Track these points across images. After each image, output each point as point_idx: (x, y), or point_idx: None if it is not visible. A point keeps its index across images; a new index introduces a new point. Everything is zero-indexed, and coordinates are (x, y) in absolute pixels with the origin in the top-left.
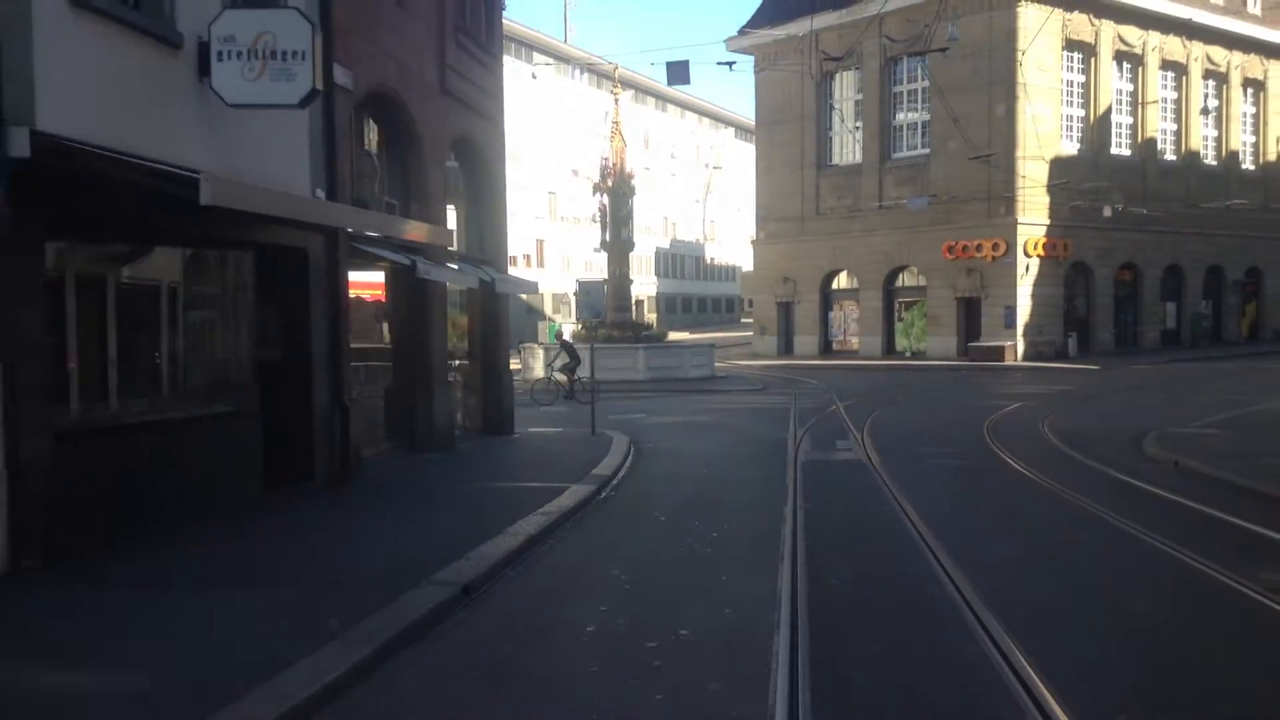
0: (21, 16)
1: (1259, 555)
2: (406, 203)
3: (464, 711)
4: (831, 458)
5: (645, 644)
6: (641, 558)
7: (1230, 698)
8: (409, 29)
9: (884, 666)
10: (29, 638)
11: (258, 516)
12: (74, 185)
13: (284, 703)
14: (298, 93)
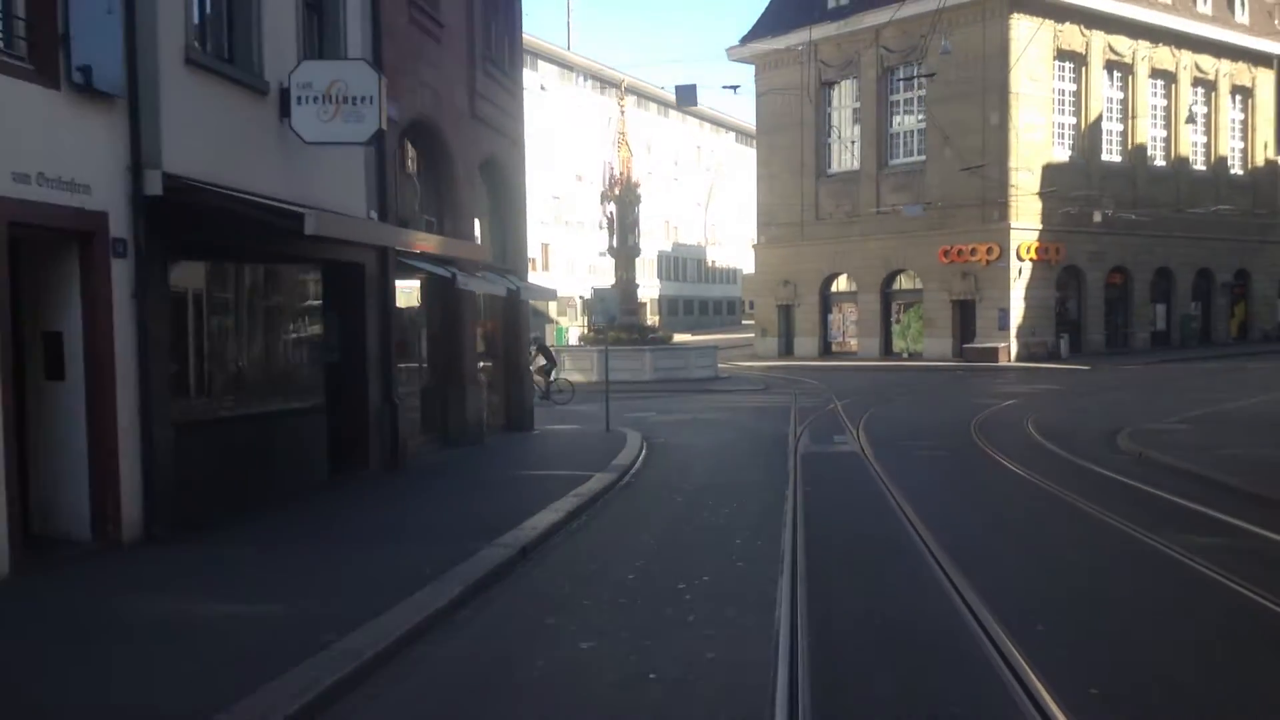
0: (150, 79)
1: (1190, 526)
2: (441, 219)
3: (540, 627)
4: (829, 450)
5: (675, 585)
6: (666, 528)
7: (1123, 607)
8: (444, 62)
9: (863, 595)
10: (187, 583)
11: (333, 495)
12: (193, 216)
13: (422, 612)
14: (366, 132)
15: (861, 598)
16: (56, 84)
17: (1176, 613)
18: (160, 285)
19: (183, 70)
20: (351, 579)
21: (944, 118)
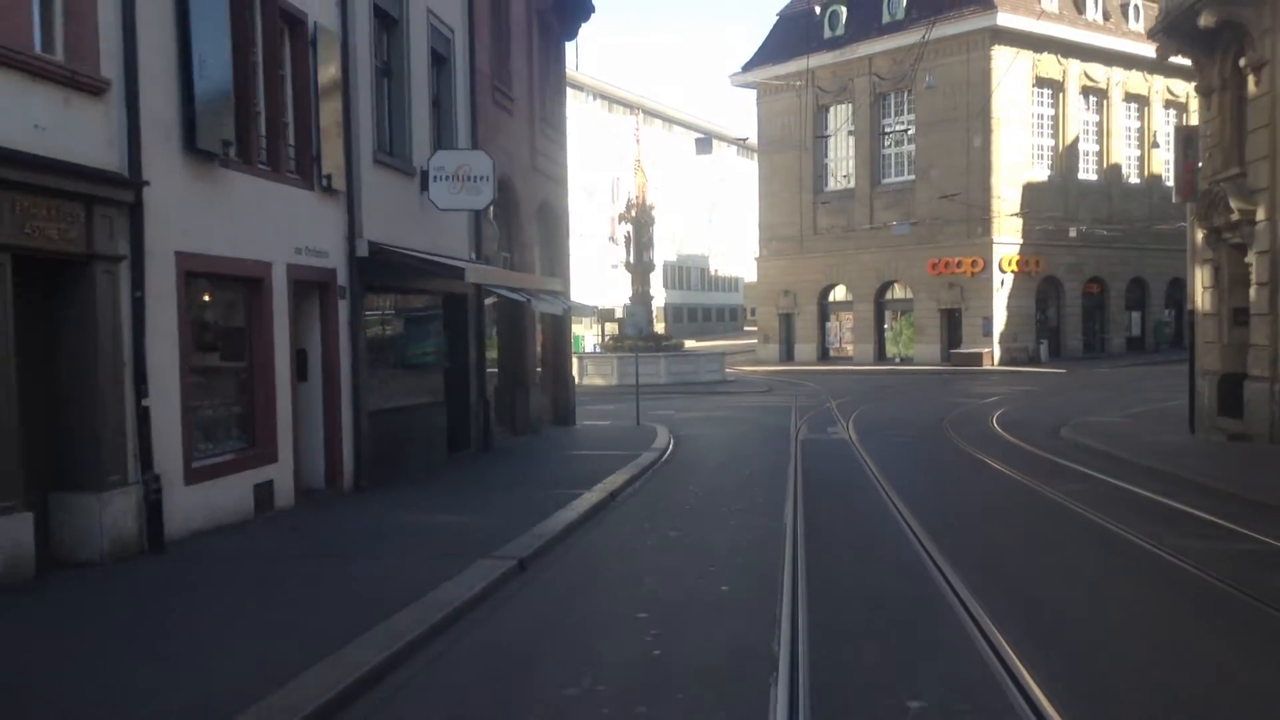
0: (357, 177)
1: (1070, 480)
2: (511, 252)
3: (640, 529)
4: (823, 437)
5: (719, 509)
6: (705, 483)
7: (990, 513)
8: (514, 128)
9: (838, 510)
10: (405, 509)
11: (455, 465)
12: (381, 267)
13: (565, 521)
14: (484, 202)
15: (838, 511)
16: (312, 188)
17: (1022, 516)
18: (359, 313)
19: (372, 167)
20: (508, 507)
21: (931, 140)
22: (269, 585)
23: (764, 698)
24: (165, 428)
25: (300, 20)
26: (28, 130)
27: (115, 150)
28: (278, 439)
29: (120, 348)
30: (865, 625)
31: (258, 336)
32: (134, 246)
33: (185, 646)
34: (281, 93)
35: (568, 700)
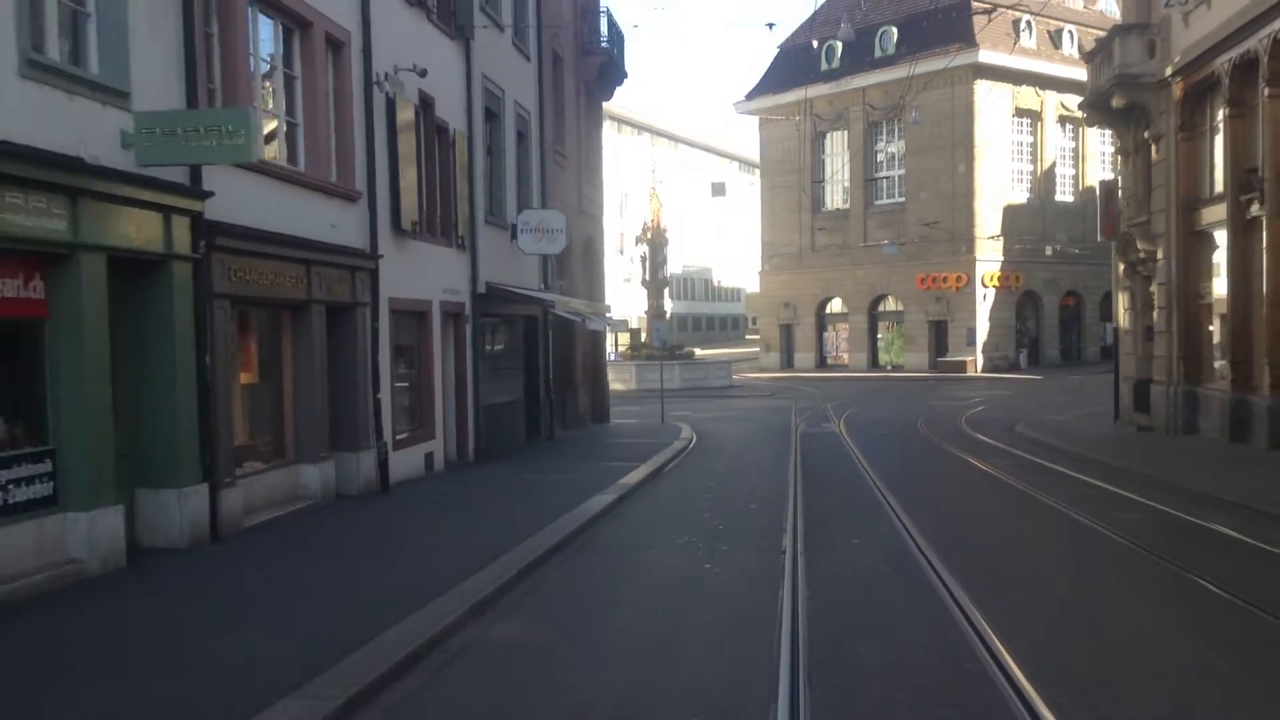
0: (475, 234)
1: (1003, 459)
2: (563, 280)
3: (686, 488)
4: (818, 431)
5: (742, 475)
6: (728, 462)
7: (939, 479)
8: (567, 179)
9: (827, 476)
10: (521, 471)
11: (534, 449)
12: (491, 299)
13: (634, 483)
14: (559, 248)
15: (825, 475)
16: (451, 245)
17: (956, 478)
18: (477, 334)
19: (484, 226)
20: (590, 471)
21: (920, 166)
22: (461, 510)
23: (779, 544)
24: (386, 413)
25: (444, 129)
26: (325, 228)
27: (364, 236)
28: (436, 423)
29: (366, 361)
30: (834, 521)
31: (423, 351)
32: (373, 295)
33: (423, 540)
34: (434, 181)
35: (679, 545)
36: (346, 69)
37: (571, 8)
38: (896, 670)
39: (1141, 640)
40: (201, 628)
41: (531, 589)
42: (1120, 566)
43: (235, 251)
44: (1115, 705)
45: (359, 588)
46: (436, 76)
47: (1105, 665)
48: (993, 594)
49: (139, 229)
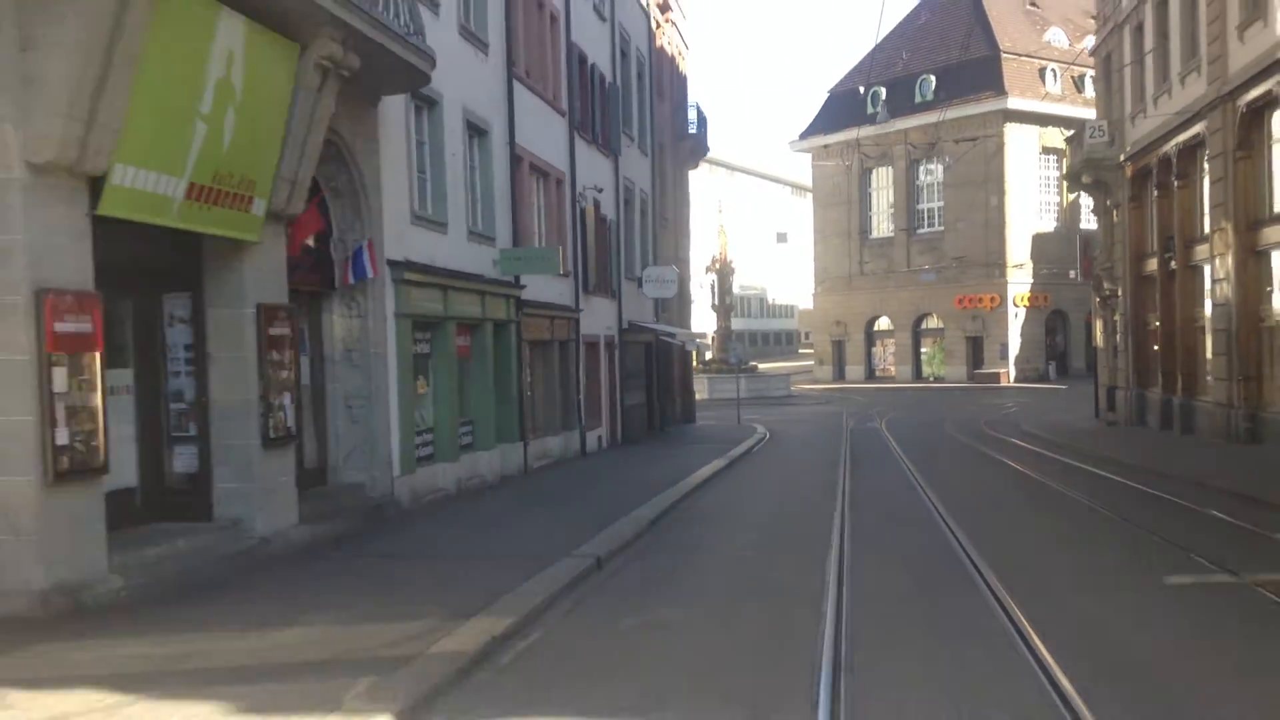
0: (620, 287)
1: (1005, 446)
2: (665, 313)
3: (766, 465)
4: (864, 427)
5: (805, 457)
6: (795, 449)
7: (946, 458)
8: (666, 236)
9: (869, 455)
10: (654, 448)
11: (656, 438)
12: (630, 332)
13: (732, 456)
14: (671, 293)
15: (867, 456)
16: (607, 296)
17: (961, 458)
18: (621, 358)
19: (625, 281)
20: (702, 451)
21: (956, 199)
22: (635, 464)
23: (835, 474)
24: (584, 407)
25: (605, 219)
26: (558, 296)
27: (572, 297)
28: (602, 415)
29: (573, 376)
30: (868, 468)
31: (596, 369)
32: (576, 334)
33: (624, 474)
34: (602, 255)
35: (767, 492)
36: (563, 194)
37: (670, 107)
38: (886, 503)
39: (1008, 505)
40: (529, 510)
41: (698, 497)
42: (1023, 486)
43: (529, 316)
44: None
45: (596, 500)
46: (600, 182)
47: (983, 512)
48: (943, 491)
49: (500, 308)
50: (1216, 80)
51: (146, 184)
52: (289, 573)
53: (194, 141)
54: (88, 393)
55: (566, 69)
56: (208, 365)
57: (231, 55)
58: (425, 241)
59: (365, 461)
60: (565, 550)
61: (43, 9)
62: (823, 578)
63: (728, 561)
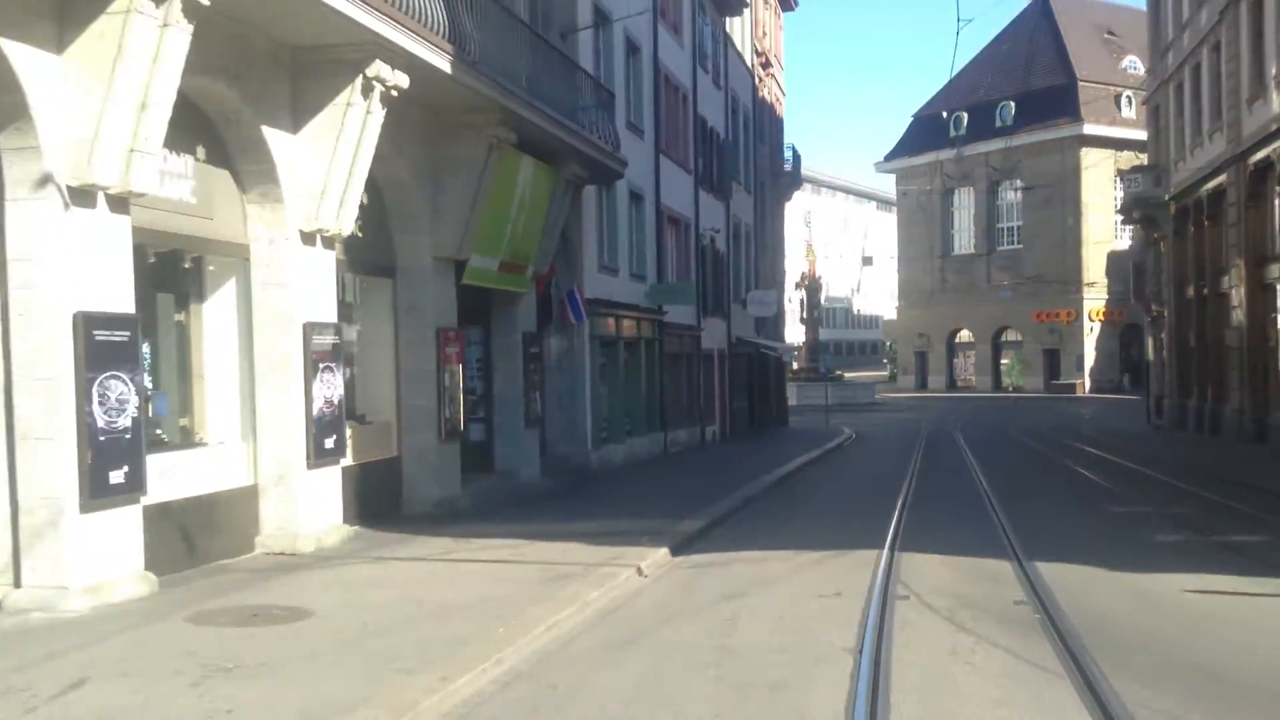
0: (730, 308)
1: (1056, 445)
2: (765, 327)
3: (857, 454)
4: (940, 430)
5: (885, 450)
6: (877, 445)
7: (1004, 455)
8: (766, 261)
9: (940, 444)
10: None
11: (757, 433)
12: (740, 346)
13: (827, 447)
14: (772, 312)
15: (938, 451)
16: (720, 316)
17: (1018, 455)
18: (730, 367)
19: (732, 304)
20: (801, 445)
21: (1034, 218)
22: (747, 452)
23: (910, 458)
24: (705, 407)
25: (719, 253)
26: (686, 317)
27: (694, 317)
28: (715, 415)
29: (695, 382)
30: (938, 457)
31: (709, 377)
32: (698, 348)
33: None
34: (718, 282)
35: (854, 470)
36: (689, 235)
37: (769, 149)
38: (944, 477)
39: (1033, 479)
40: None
41: (801, 472)
42: (1051, 469)
43: (666, 335)
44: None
45: (727, 471)
46: (715, 223)
47: (1012, 481)
48: (989, 470)
49: (648, 329)
50: (1233, 141)
51: (484, 264)
52: (552, 501)
53: (506, 235)
54: (455, 388)
55: (693, 135)
56: (492, 372)
57: (526, 180)
58: (605, 283)
59: (570, 438)
60: (720, 496)
61: (447, 170)
62: (890, 509)
63: (828, 501)
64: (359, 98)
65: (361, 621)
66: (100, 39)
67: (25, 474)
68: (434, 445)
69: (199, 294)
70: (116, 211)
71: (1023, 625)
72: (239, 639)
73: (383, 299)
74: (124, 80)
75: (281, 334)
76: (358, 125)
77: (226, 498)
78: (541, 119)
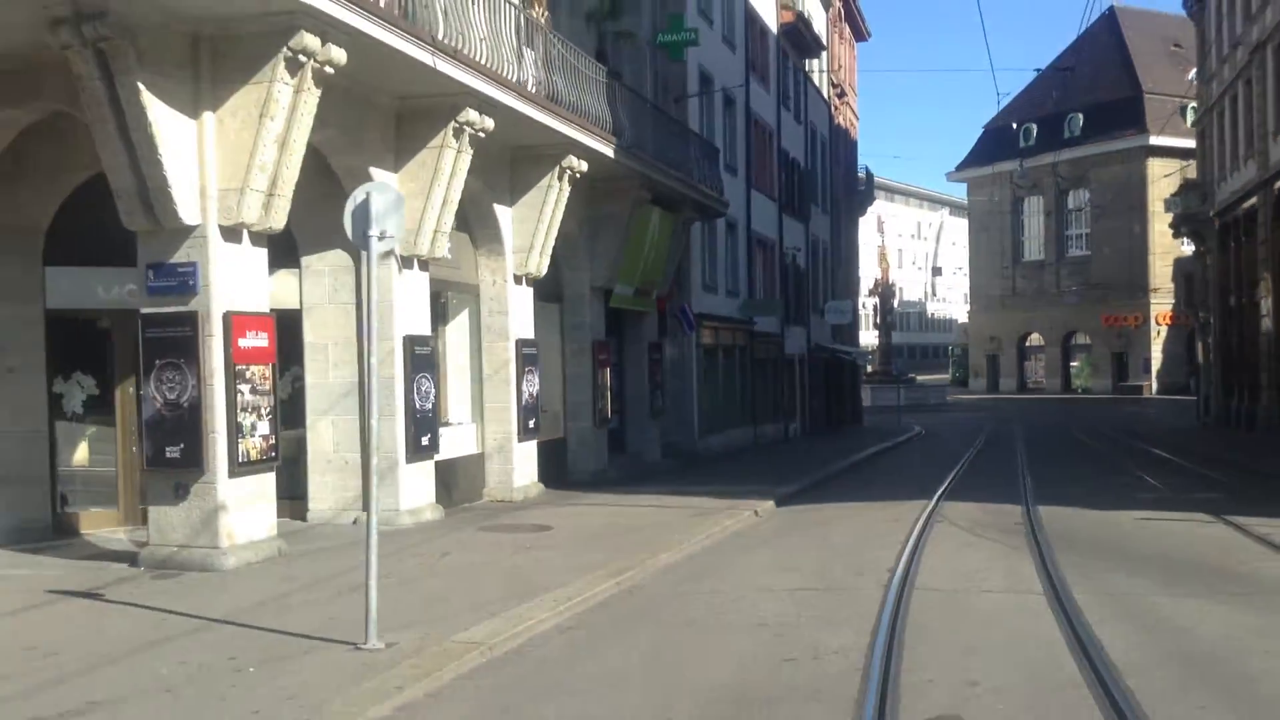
0: (810, 317)
1: (1108, 440)
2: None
3: (929, 442)
4: (1003, 427)
5: (952, 441)
6: (945, 438)
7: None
8: (841, 272)
9: (999, 436)
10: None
11: (833, 431)
12: (820, 352)
13: (899, 440)
14: (848, 320)
15: (995, 440)
16: (801, 325)
17: (1068, 447)
18: (809, 370)
19: (812, 312)
20: (870, 439)
21: (1102, 226)
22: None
23: (962, 458)
24: (788, 406)
25: (800, 268)
26: (770, 326)
27: (778, 326)
28: (796, 412)
29: (779, 384)
30: (996, 447)
31: (791, 378)
32: (780, 354)
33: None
34: (800, 294)
35: (916, 457)
36: (773, 255)
37: (843, 170)
38: (993, 463)
39: (1067, 462)
40: (772, 460)
41: (872, 459)
42: (1088, 456)
43: (755, 343)
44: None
45: (810, 458)
46: (796, 242)
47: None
48: (1033, 456)
49: (741, 338)
50: (1261, 168)
51: (625, 290)
52: (674, 475)
53: (640, 267)
54: (604, 387)
55: (777, 166)
56: (625, 374)
57: (654, 225)
58: (707, 300)
59: (680, 429)
60: (807, 471)
61: (600, 223)
62: (942, 479)
63: (893, 475)
64: (555, 180)
65: (586, 531)
66: (422, 166)
67: (374, 439)
68: (590, 430)
69: (443, 318)
70: (423, 270)
71: (1013, 533)
72: (518, 537)
73: (553, 319)
74: (436, 191)
75: (500, 347)
76: (554, 199)
77: (465, 461)
78: (669, 179)
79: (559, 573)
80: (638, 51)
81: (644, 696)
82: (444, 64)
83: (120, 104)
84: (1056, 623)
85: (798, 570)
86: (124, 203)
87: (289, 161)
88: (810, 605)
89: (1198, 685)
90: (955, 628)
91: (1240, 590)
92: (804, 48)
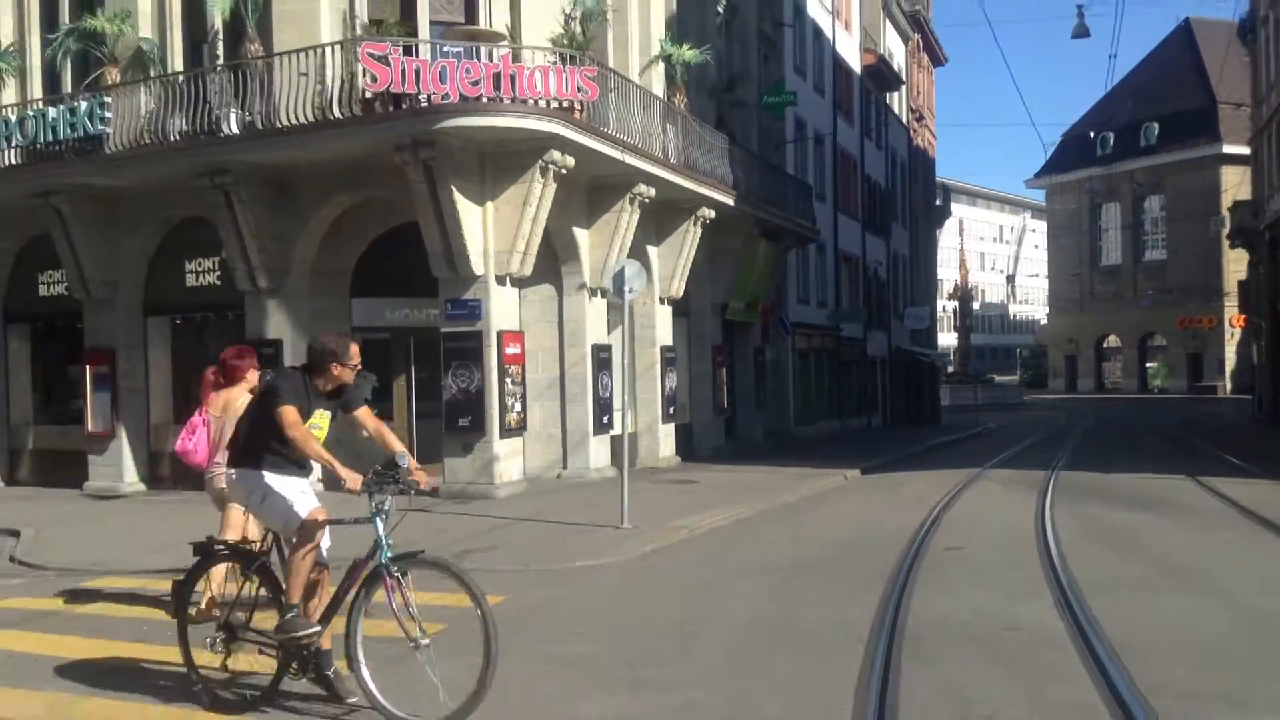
0: (889, 323)
1: (1162, 434)
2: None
3: (1000, 436)
4: (1072, 423)
5: (1022, 435)
6: (1018, 433)
7: (1112, 438)
8: (919, 281)
9: (1055, 437)
10: (913, 428)
11: (911, 424)
12: (897, 354)
13: (974, 431)
14: (926, 325)
15: (1056, 436)
16: (882, 330)
17: (1123, 439)
18: (890, 371)
19: (892, 318)
20: (944, 431)
21: (1177, 231)
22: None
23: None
24: (869, 402)
25: (882, 280)
26: (855, 331)
27: (862, 332)
28: (878, 407)
29: (863, 382)
30: (1049, 441)
31: (873, 378)
32: (864, 356)
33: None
34: (882, 300)
35: (981, 445)
36: (857, 269)
37: (921, 186)
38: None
39: (1107, 449)
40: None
41: (944, 445)
42: (1132, 444)
43: (841, 346)
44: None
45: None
46: (878, 256)
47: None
48: (1087, 441)
49: (829, 343)
50: None
51: (738, 306)
52: (776, 454)
53: (749, 286)
54: (721, 383)
55: (860, 190)
56: (735, 373)
57: (761, 252)
58: (801, 310)
59: (779, 419)
60: (886, 453)
61: (719, 253)
62: (994, 457)
63: (958, 457)
64: (691, 226)
65: (722, 485)
66: (605, 224)
67: (568, 418)
68: (711, 417)
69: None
70: (600, 297)
71: (1034, 487)
72: (676, 487)
73: (682, 329)
74: (616, 241)
75: (649, 352)
76: (690, 240)
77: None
78: (772, 217)
79: (715, 504)
80: (747, 111)
81: (790, 548)
82: (630, 157)
83: (438, 197)
84: (1034, 521)
85: (877, 504)
86: (434, 259)
87: (536, 232)
88: (885, 513)
89: (1104, 543)
90: (970, 524)
91: (1167, 511)
92: (885, 84)
